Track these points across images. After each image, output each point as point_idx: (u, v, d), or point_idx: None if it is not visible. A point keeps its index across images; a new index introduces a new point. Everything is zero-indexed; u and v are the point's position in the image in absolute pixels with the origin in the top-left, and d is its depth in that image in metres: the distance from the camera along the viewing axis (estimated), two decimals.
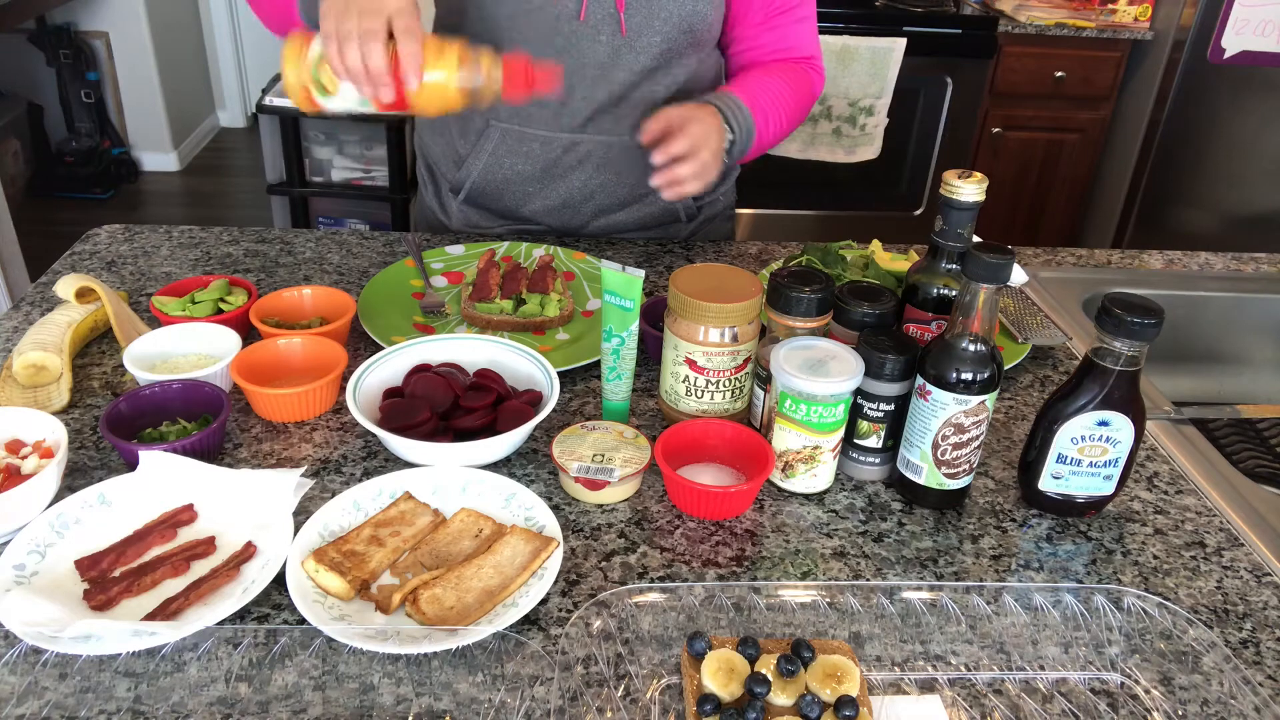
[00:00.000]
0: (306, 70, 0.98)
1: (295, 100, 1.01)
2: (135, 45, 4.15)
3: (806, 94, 1.36)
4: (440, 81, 0.96)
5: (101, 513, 0.83)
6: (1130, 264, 1.48)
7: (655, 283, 1.30)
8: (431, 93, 0.97)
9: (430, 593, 0.76)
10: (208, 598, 0.76)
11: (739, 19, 1.32)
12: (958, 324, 0.83)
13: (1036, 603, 0.77)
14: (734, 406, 0.97)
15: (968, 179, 0.89)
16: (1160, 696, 0.73)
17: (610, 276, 0.93)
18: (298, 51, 0.98)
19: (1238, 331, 1.46)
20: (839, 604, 0.76)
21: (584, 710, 0.67)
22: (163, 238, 1.36)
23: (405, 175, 3.03)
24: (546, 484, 0.92)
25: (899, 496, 0.93)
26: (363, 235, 1.40)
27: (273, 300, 1.12)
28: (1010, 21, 3.06)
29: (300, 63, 0.98)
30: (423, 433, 0.91)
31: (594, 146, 1.30)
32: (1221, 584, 0.85)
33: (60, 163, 4.07)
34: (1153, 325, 0.79)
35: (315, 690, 0.69)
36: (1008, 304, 1.25)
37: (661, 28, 1.22)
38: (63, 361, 1.01)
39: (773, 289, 0.92)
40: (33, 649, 0.69)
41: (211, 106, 4.97)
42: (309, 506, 0.86)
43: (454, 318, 1.18)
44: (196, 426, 0.93)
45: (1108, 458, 0.87)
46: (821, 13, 1.42)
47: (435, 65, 0.96)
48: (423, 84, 0.96)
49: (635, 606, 0.75)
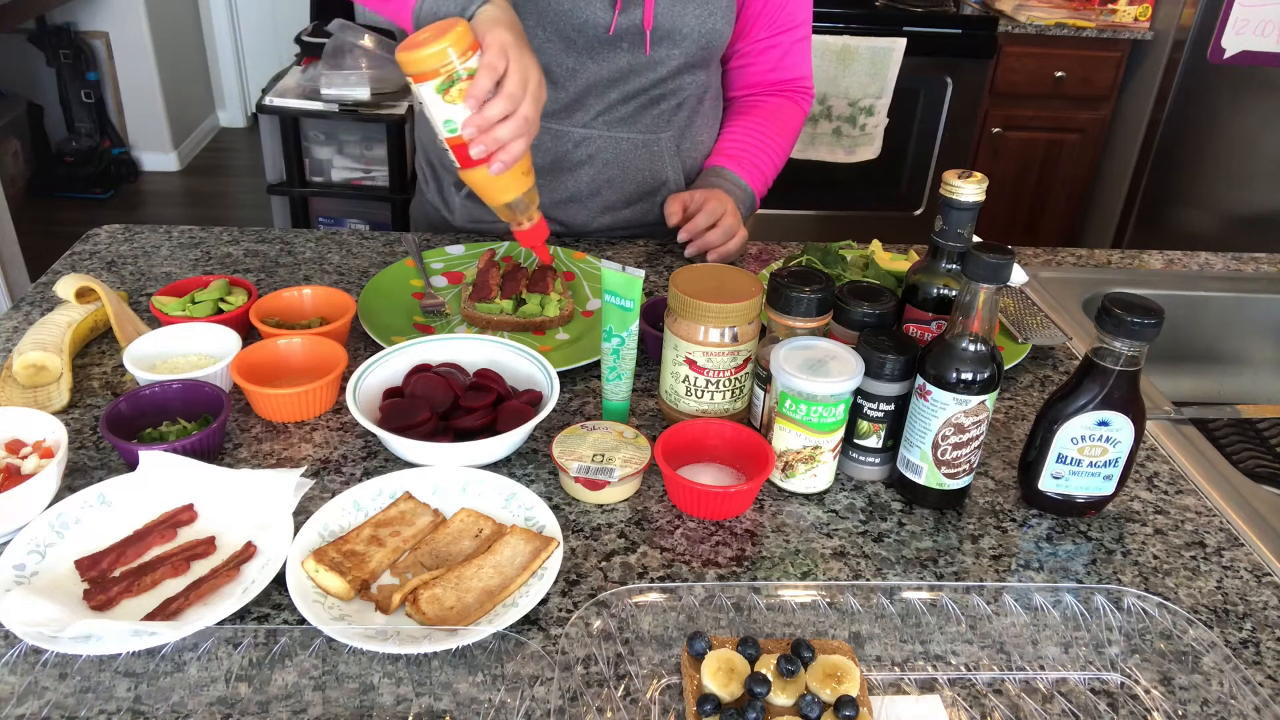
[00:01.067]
0: (459, 65, 0.92)
1: (419, 60, 0.92)
2: (135, 45, 4.15)
3: (794, 128, 1.45)
4: (504, 185, 0.98)
5: (101, 513, 0.83)
6: (1130, 264, 1.48)
7: (655, 283, 1.30)
8: (491, 184, 0.97)
9: (430, 593, 0.76)
10: (208, 598, 0.76)
11: (743, 34, 1.37)
12: (958, 324, 0.83)
13: (1036, 603, 0.77)
14: (734, 406, 0.97)
15: (968, 179, 0.89)
16: (1160, 696, 0.73)
17: (610, 276, 0.93)
18: (463, 45, 0.92)
19: (1238, 331, 1.46)
20: (839, 604, 0.76)
21: (584, 710, 0.67)
22: (163, 238, 1.36)
23: (405, 175, 3.03)
24: (546, 484, 0.92)
25: (899, 496, 0.93)
26: (363, 235, 1.40)
27: (273, 300, 1.12)
28: (1010, 21, 3.06)
29: (459, 51, 0.91)
30: (423, 433, 0.91)
31: (603, 143, 1.31)
32: (1221, 584, 0.85)
33: (60, 163, 4.07)
34: (1153, 325, 0.79)
35: (315, 690, 0.69)
36: (1008, 304, 1.25)
37: (681, 42, 1.26)
38: (63, 361, 1.01)
39: (773, 289, 0.92)
40: (33, 649, 0.69)
41: (211, 106, 4.97)
42: (309, 506, 0.86)
43: (454, 318, 1.18)
44: (196, 426, 0.93)
45: (1108, 458, 0.87)
46: (821, 13, 1.45)
47: (517, 174, 0.97)
48: (498, 176, 0.96)
49: (635, 606, 0.75)
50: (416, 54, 0.90)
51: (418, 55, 0.90)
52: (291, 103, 2.83)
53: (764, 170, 1.40)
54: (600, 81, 1.27)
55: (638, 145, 1.33)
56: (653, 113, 1.31)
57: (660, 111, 1.32)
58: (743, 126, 1.41)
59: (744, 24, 1.35)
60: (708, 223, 1.29)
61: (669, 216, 1.32)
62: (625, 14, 1.21)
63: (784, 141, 1.42)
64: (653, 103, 1.30)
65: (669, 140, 1.34)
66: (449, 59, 0.91)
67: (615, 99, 1.28)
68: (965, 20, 3.03)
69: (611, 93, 1.28)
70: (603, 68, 1.25)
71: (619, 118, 1.30)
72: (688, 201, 1.31)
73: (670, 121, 1.33)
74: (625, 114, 1.30)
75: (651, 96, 1.30)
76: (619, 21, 1.21)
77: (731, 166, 1.38)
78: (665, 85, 1.30)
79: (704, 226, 1.30)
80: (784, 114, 1.43)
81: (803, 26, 1.39)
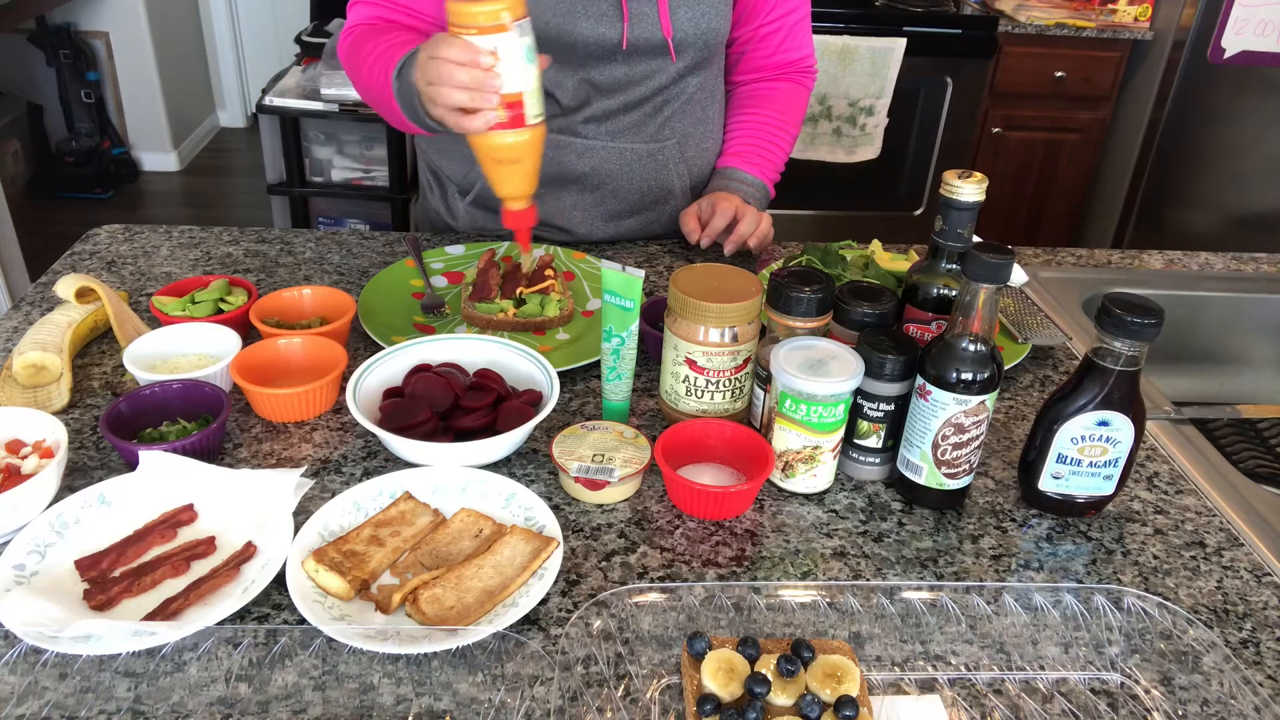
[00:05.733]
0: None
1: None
2: (135, 45, 4.14)
3: (799, 111, 1.45)
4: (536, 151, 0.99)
5: (101, 513, 0.83)
6: (1130, 264, 1.48)
7: (655, 283, 1.30)
8: (534, 148, 0.99)
9: (430, 593, 0.76)
10: (208, 598, 0.76)
11: (742, 20, 1.37)
12: (958, 324, 0.83)
13: (1036, 603, 0.77)
14: (734, 406, 0.97)
15: (968, 179, 0.89)
16: (1160, 696, 0.73)
17: (610, 276, 0.93)
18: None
19: (1238, 331, 1.46)
20: (839, 604, 0.76)
21: (584, 710, 0.67)
22: (163, 238, 1.36)
23: (405, 175, 3.03)
24: (546, 484, 0.92)
25: (899, 496, 0.93)
26: (363, 235, 1.40)
27: (273, 300, 1.12)
28: (1010, 21, 3.06)
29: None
30: (423, 433, 0.91)
31: (607, 153, 1.31)
32: (1221, 584, 0.85)
33: (60, 163, 4.07)
34: (1153, 325, 0.79)
35: (315, 690, 0.69)
36: (1008, 304, 1.25)
37: (680, 46, 1.26)
38: (63, 361, 1.01)
39: (773, 289, 0.92)
40: (33, 649, 0.69)
41: (211, 106, 4.96)
42: (309, 506, 0.86)
43: (454, 318, 1.18)
44: (196, 426, 0.93)
45: (1108, 458, 0.87)
46: (821, 13, 1.45)
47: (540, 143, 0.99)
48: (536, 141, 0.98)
49: (635, 606, 0.75)
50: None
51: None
52: (291, 103, 2.83)
53: (774, 161, 1.42)
54: (603, 92, 1.26)
55: (642, 156, 1.33)
56: (656, 121, 1.31)
57: (664, 119, 1.31)
58: (748, 120, 1.41)
59: (742, 11, 1.35)
60: (725, 223, 1.32)
61: (689, 235, 1.34)
62: (635, 26, 1.21)
63: (791, 128, 1.43)
64: (656, 111, 1.30)
65: (674, 149, 1.34)
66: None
67: (617, 108, 1.28)
68: (965, 20, 3.03)
69: (614, 102, 1.27)
70: (605, 78, 1.25)
71: (623, 127, 1.30)
72: (699, 213, 1.34)
73: (674, 129, 1.33)
74: (629, 123, 1.30)
75: (655, 104, 1.30)
76: (630, 33, 1.21)
77: (742, 165, 1.39)
78: (668, 91, 1.30)
79: (722, 227, 1.32)
80: (788, 99, 1.43)
81: (802, 6, 1.39)
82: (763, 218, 1.33)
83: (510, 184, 1.01)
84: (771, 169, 1.41)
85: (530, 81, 0.95)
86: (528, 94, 0.95)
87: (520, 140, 0.97)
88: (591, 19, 1.19)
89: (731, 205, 1.32)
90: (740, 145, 1.40)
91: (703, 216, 1.34)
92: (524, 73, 0.94)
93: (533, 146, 0.99)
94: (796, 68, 1.43)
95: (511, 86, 0.94)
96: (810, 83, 1.47)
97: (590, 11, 1.19)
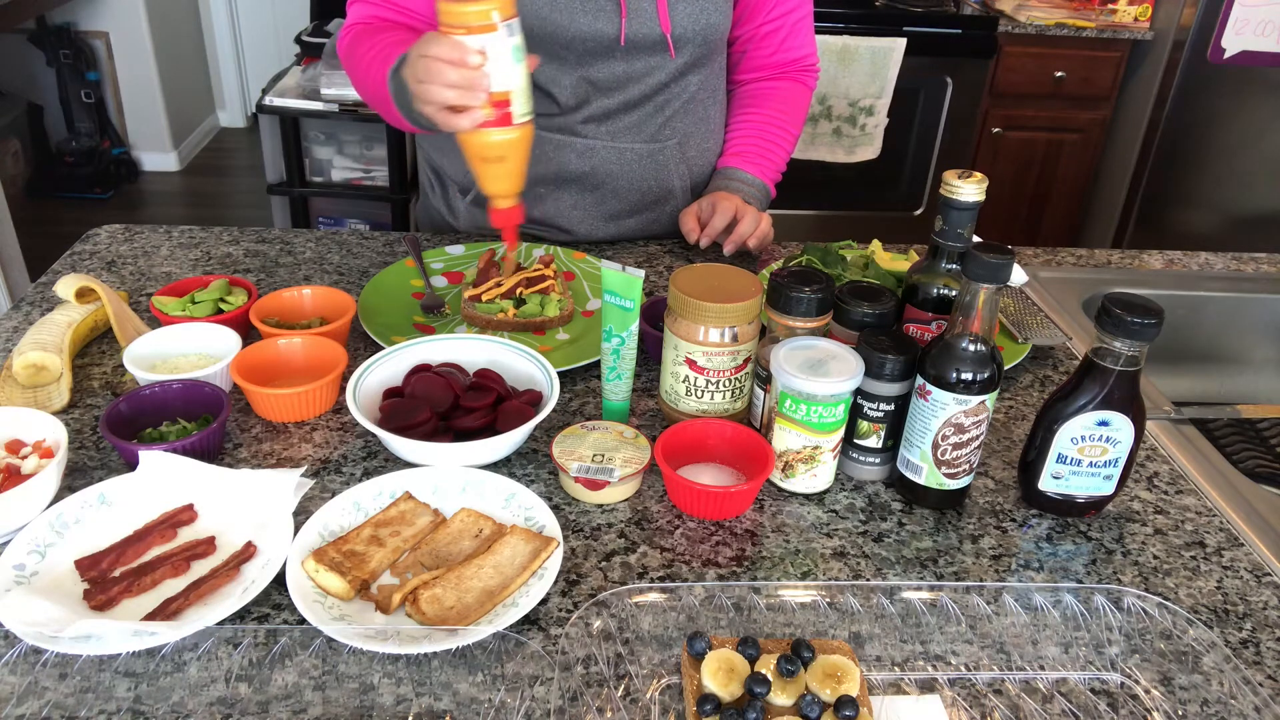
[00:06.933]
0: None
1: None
2: (135, 45, 4.14)
3: (801, 110, 1.45)
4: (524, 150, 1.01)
5: (101, 513, 0.83)
6: (1130, 264, 1.48)
7: (655, 283, 1.30)
8: (522, 148, 1.00)
9: (430, 593, 0.76)
10: (208, 598, 0.76)
11: (743, 19, 1.37)
12: (958, 324, 0.83)
13: (1036, 603, 0.77)
14: (734, 406, 0.97)
15: (968, 179, 0.89)
16: (1160, 696, 0.73)
17: (610, 276, 0.93)
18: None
19: (1238, 331, 1.46)
20: (839, 604, 0.76)
21: (584, 710, 0.67)
22: (163, 238, 1.36)
23: (405, 175, 3.03)
24: (546, 484, 0.92)
25: (899, 496, 0.93)
26: (363, 235, 1.40)
27: (273, 300, 1.12)
28: (1010, 21, 3.06)
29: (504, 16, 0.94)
30: (423, 433, 0.91)
31: (607, 153, 1.31)
32: (1221, 584, 0.85)
33: (60, 163, 4.07)
34: (1153, 325, 0.79)
35: (315, 690, 0.69)
36: (1008, 304, 1.25)
37: (678, 42, 1.25)
38: (63, 361, 1.01)
39: (773, 289, 0.92)
40: (33, 649, 0.69)
41: (211, 106, 4.96)
42: (309, 506, 0.86)
43: (454, 318, 1.18)
44: (196, 426, 0.93)
45: (1108, 458, 0.87)
46: (821, 13, 1.44)
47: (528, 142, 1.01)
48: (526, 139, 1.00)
49: (635, 606, 0.75)
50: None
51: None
52: (291, 103, 2.83)
53: (775, 161, 1.42)
54: (602, 90, 1.26)
55: (642, 156, 1.32)
56: (657, 121, 1.31)
57: (665, 118, 1.31)
58: (750, 120, 1.41)
59: (743, 9, 1.35)
60: (725, 222, 1.32)
61: (688, 235, 1.34)
62: (633, 22, 1.21)
63: (792, 127, 1.43)
64: (657, 110, 1.30)
65: (674, 149, 1.34)
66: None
67: (617, 107, 1.28)
68: (965, 20, 3.03)
69: (613, 101, 1.27)
70: (604, 75, 1.25)
71: (623, 127, 1.30)
72: (698, 213, 1.34)
73: (675, 129, 1.33)
74: (630, 123, 1.30)
75: (656, 104, 1.29)
76: (628, 30, 1.21)
77: (743, 165, 1.39)
78: (668, 90, 1.29)
79: (722, 227, 1.32)
80: (790, 98, 1.42)
81: (803, 5, 1.39)
82: (763, 218, 1.33)
83: (497, 182, 1.02)
84: (772, 169, 1.41)
85: (518, 81, 0.96)
86: (515, 93, 0.96)
87: (507, 139, 0.98)
88: (589, 14, 1.19)
89: (731, 205, 1.32)
90: (741, 145, 1.40)
91: (702, 216, 1.34)
92: (512, 72, 0.95)
93: (520, 145, 0.99)
94: (798, 66, 1.43)
95: (499, 85, 0.95)
96: (812, 82, 1.46)
97: (588, 7, 1.19)
